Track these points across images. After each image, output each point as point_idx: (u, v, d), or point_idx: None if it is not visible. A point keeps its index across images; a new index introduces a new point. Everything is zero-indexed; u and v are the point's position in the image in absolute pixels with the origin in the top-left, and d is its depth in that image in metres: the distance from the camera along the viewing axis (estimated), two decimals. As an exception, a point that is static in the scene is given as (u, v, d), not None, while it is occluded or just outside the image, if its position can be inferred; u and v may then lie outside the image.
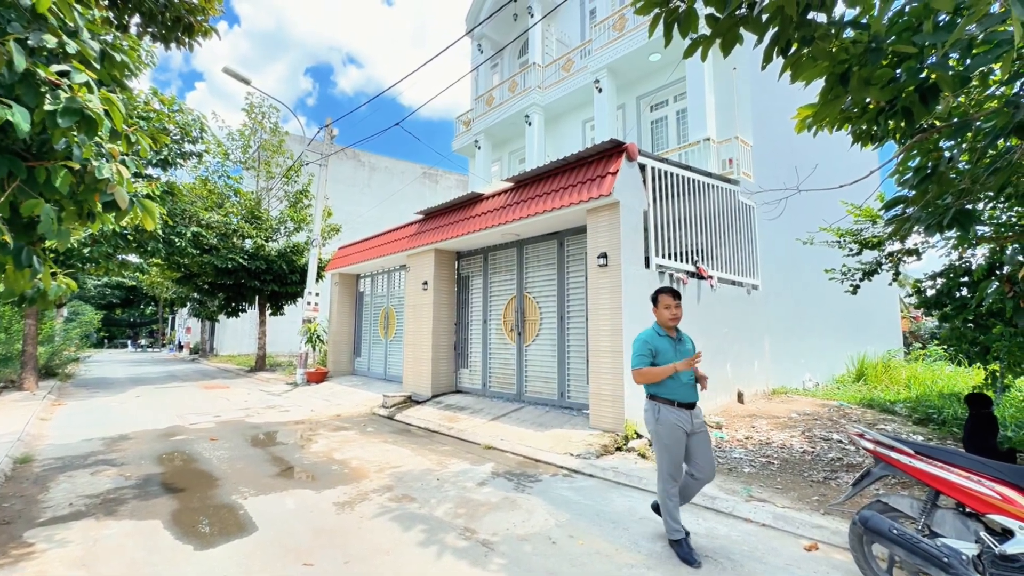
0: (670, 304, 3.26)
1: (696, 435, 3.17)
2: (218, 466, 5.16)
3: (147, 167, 13.01)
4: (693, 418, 3.16)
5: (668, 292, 3.29)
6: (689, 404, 3.17)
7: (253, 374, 15.49)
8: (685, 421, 3.13)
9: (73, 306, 33.33)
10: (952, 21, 2.72)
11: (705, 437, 3.21)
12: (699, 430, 3.18)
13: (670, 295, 3.28)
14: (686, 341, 3.35)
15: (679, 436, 3.13)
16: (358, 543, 3.27)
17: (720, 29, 2.88)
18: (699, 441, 3.18)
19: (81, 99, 2.58)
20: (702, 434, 3.19)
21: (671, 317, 3.25)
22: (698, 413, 3.22)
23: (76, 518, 3.69)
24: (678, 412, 3.14)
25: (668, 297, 3.27)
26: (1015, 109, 2.99)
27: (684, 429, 3.13)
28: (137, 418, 7.98)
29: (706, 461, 3.18)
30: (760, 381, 8.96)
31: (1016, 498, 2.27)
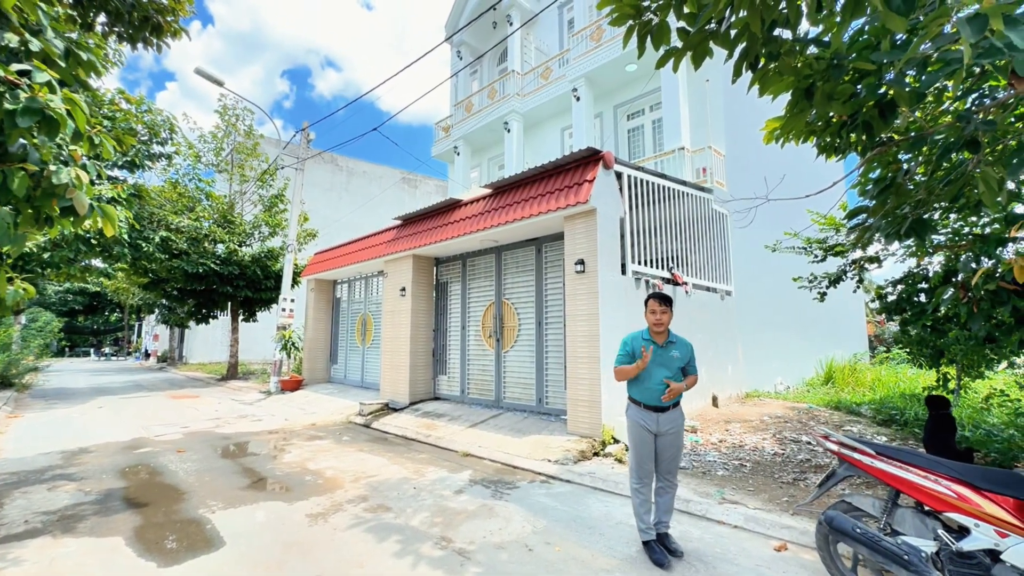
0: (655, 309, 3.26)
1: (663, 437, 3.21)
2: (184, 479, 4.99)
3: (113, 169, 12.59)
4: (661, 420, 3.19)
5: (655, 297, 3.29)
6: (656, 407, 3.20)
7: (225, 383, 15.04)
8: (650, 422, 3.19)
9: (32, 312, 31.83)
10: (908, 40, 2.86)
11: (673, 440, 3.22)
12: (669, 432, 3.20)
13: (656, 300, 3.28)
14: (674, 349, 3.30)
15: (643, 436, 3.20)
16: (331, 556, 3.20)
17: (691, 43, 2.97)
18: (665, 444, 3.22)
19: (43, 99, 2.49)
20: (670, 436, 3.21)
21: (655, 322, 3.26)
22: (672, 418, 3.22)
23: (32, 536, 3.51)
24: (644, 413, 3.21)
25: (654, 302, 3.28)
26: (966, 124, 3.15)
27: (649, 430, 3.19)
28: (99, 430, 7.66)
29: (667, 462, 3.23)
30: (734, 385, 9.16)
31: (971, 496, 2.38)
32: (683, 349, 3.32)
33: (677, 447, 3.25)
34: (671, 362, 3.24)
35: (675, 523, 3.74)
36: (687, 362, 3.32)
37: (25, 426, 8.05)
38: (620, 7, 2.89)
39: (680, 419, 3.27)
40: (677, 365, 3.25)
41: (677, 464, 3.27)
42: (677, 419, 3.25)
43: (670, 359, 3.24)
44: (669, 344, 3.30)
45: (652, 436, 3.21)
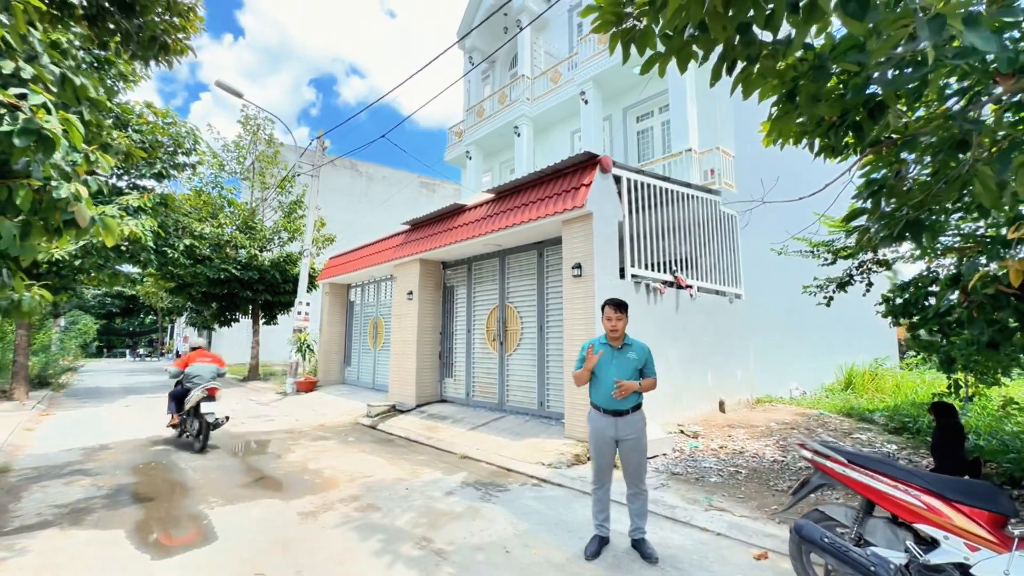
0: (611, 316, 3.29)
1: (624, 443, 3.23)
2: (192, 476, 5.21)
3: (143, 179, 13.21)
4: (620, 425, 3.21)
5: (610, 304, 3.32)
6: (614, 411, 3.22)
7: (245, 383, 15.54)
8: (609, 427, 3.22)
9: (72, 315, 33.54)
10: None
11: (634, 446, 3.24)
12: (628, 437, 3.22)
13: (611, 307, 3.31)
14: (630, 351, 3.32)
15: (601, 440, 3.25)
16: (314, 553, 3.31)
17: (674, 47, 2.96)
18: (627, 450, 3.24)
19: (39, 120, 2.67)
20: (631, 442, 3.23)
21: (610, 328, 3.29)
22: (631, 422, 3.23)
23: (42, 527, 3.74)
24: (603, 418, 3.25)
25: (609, 309, 3.31)
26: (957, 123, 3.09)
27: (608, 434, 3.23)
28: (122, 428, 8.04)
29: (631, 468, 3.25)
30: (744, 390, 8.98)
31: (941, 508, 2.31)
32: (639, 352, 3.33)
33: (640, 452, 3.26)
34: (627, 364, 3.25)
35: (657, 528, 3.72)
36: (644, 364, 3.31)
37: (54, 424, 8.51)
38: (602, 14, 2.91)
39: (640, 423, 3.27)
40: (633, 367, 3.25)
41: (643, 469, 3.28)
42: (637, 423, 3.25)
43: (626, 360, 3.26)
44: (626, 347, 3.32)
45: (613, 442, 3.24)
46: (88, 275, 11.51)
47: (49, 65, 2.95)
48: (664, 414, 6.85)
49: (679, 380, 7.26)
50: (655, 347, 6.67)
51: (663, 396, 6.91)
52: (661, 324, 7.05)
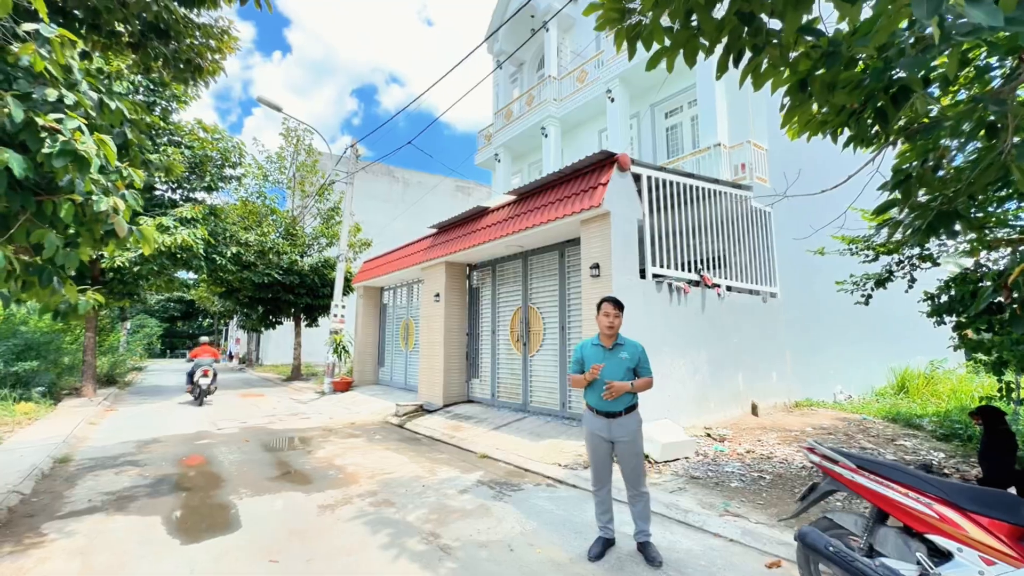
0: (609, 312, 3.24)
1: (620, 445, 3.20)
2: (227, 468, 5.55)
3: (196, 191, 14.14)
4: (614, 427, 3.18)
5: (608, 301, 3.28)
6: (607, 412, 3.18)
7: (289, 383, 16.30)
8: (603, 428, 3.20)
9: (138, 319, 36.23)
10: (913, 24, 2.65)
11: (629, 448, 3.20)
12: (622, 439, 3.18)
13: (610, 304, 3.26)
14: (622, 351, 3.27)
15: (596, 442, 3.23)
16: (326, 543, 3.47)
17: (679, 40, 2.89)
18: (621, 451, 3.21)
19: (76, 142, 2.95)
20: (626, 444, 3.19)
21: (607, 325, 3.24)
22: (624, 423, 3.19)
23: (90, 512, 4.11)
24: (596, 419, 3.22)
25: (608, 305, 3.26)
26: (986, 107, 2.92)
27: (602, 436, 3.20)
28: (174, 423, 8.64)
29: (627, 471, 3.22)
30: (780, 393, 8.59)
31: (955, 518, 2.16)
32: (632, 350, 3.27)
33: (635, 454, 3.21)
34: (619, 364, 3.20)
35: (667, 532, 3.65)
36: (637, 363, 3.25)
37: (116, 419, 9.25)
38: (605, 12, 2.86)
39: (635, 425, 3.22)
40: (626, 366, 3.19)
41: (641, 472, 3.23)
42: (631, 425, 3.20)
43: (618, 361, 3.21)
44: (617, 347, 3.27)
45: (608, 443, 3.22)
46: (147, 281, 12.44)
47: (89, 92, 3.25)
48: (689, 416, 6.67)
49: (706, 382, 7.05)
50: (678, 347, 6.57)
51: (688, 398, 6.74)
52: (685, 324, 6.87)
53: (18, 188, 3.08)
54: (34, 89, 2.93)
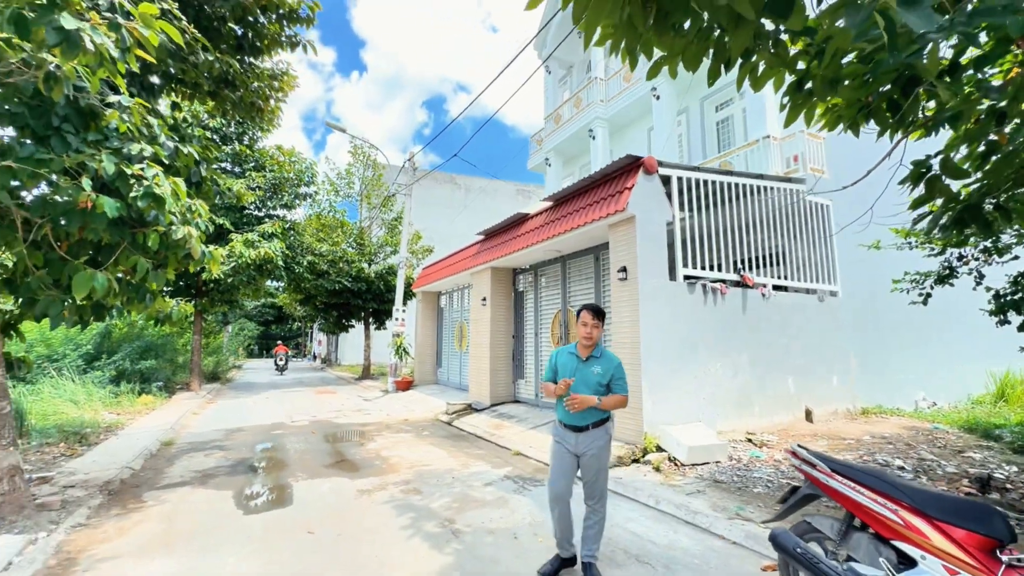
0: (587, 321, 3.04)
1: (584, 457, 3.04)
2: (292, 455, 6.33)
3: (277, 208, 15.79)
4: (580, 440, 3.01)
5: (587, 309, 3.08)
6: (573, 426, 3.02)
7: (359, 382, 17.65)
8: (568, 441, 3.04)
9: (239, 323, 40.67)
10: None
11: (594, 462, 3.03)
12: (588, 452, 3.02)
13: (588, 312, 3.06)
14: (595, 364, 3.06)
15: (560, 453, 3.08)
16: (356, 522, 3.96)
17: (676, 48, 2.94)
18: (586, 464, 3.05)
19: (155, 186, 3.68)
20: (591, 457, 3.03)
21: (585, 335, 3.05)
22: (592, 436, 3.01)
23: (180, 486, 4.96)
24: (563, 431, 3.08)
25: (586, 314, 3.07)
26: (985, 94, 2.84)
27: (566, 447, 3.05)
28: (258, 415, 9.85)
29: (589, 485, 3.07)
30: (842, 398, 8.03)
31: (920, 525, 2.14)
32: (606, 364, 3.06)
33: (597, 469, 3.04)
34: (590, 378, 3.00)
35: (671, 532, 3.74)
36: (610, 379, 3.02)
37: (214, 410, 10.70)
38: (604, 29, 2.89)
39: (602, 439, 3.04)
40: (596, 381, 2.99)
41: (601, 487, 3.07)
42: (598, 439, 3.03)
43: (589, 374, 3.00)
44: (592, 359, 3.06)
45: (572, 456, 3.06)
46: (239, 290, 14.17)
47: (167, 142, 4.01)
48: (728, 420, 6.51)
49: (748, 385, 6.82)
50: (714, 349, 6.45)
51: (727, 401, 6.58)
52: (723, 326, 6.71)
53: (119, 224, 3.89)
54: (123, 145, 3.71)
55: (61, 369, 10.21)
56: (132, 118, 3.50)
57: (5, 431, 3.77)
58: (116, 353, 11.95)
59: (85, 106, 3.61)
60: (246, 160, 14.40)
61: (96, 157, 3.36)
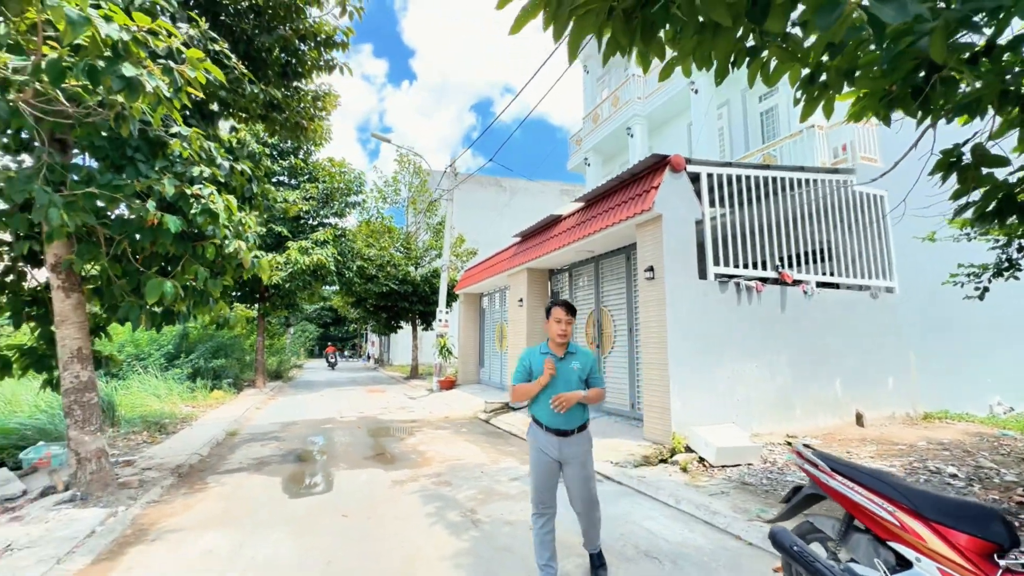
0: (561, 318, 2.91)
1: (569, 465, 2.87)
2: (337, 447, 6.82)
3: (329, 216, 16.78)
4: (564, 447, 2.84)
5: (560, 305, 2.95)
6: (558, 430, 2.84)
7: (407, 381, 18.38)
8: (551, 447, 2.85)
9: (301, 326, 43.32)
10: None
11: (579, 471, 2.87)
12: (574, 459, 2.86)
13: (561, 308, 2.93)
14: (573, 360, 2.95)
15: (542, 460, 2.88)
16: (385, 509, 4.27)
17: (685, 49, 2.98)
18: (570, 473, 2.87)
19: (210, 204, 4.17)
20: (576, 465, 2.87)
21: (559, 332, 2.91)
22: (576, 441, 2.87)
23: (238, 471, 5.52)
24: (545, 436, 2.87)
25: (559, 310, 2.93)
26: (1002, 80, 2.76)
27: (549, 455, 2.86)
28: (312, 411, 10.58)
29: (576, 493, 2.90)
30: (899, 402, 7.53)
31: (915, 527, 2.11)
32: (583, 359, 2.97)
33: (584, 477, 2.89)
34: (570, 375, 2.88)
35: (686, 530, 3.76)
36: (589, 373, 2.95)
37: (275, 405, 11.60)
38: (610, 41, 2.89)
39: (587, 444, 2.93)
40: (576, 377, 2.90)
41: (591, 495, 2.93)
42: (583, 444, 2.91)
43: (569, 371, 2.90)
44: (568, 355, 2.95)
45: (555, 463, 2.87)
46: (296, 294, 15.23)
47: (223, 163, 4.52)
48: (766, 423, 6.32)
49: (788, 387, 6.58)
50: (748, 349, 6.29)
51: (764, 403, 6.39)
52: (759, 325, 6.51)
53: (182, 238, 4.43)
54: (186, 168, 4.23)
55: (147, 367, 11.47)
56: (192, 145, 4.00)
57: (93, 419, 4.41)
58: (192, 353, 13.22)
59: (153, 137, 4.16)
60: (301, 172, 15.45)
61: (160, 181, 3.87)
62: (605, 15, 2.46)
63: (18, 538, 3.43)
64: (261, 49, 5.26)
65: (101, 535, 3.60)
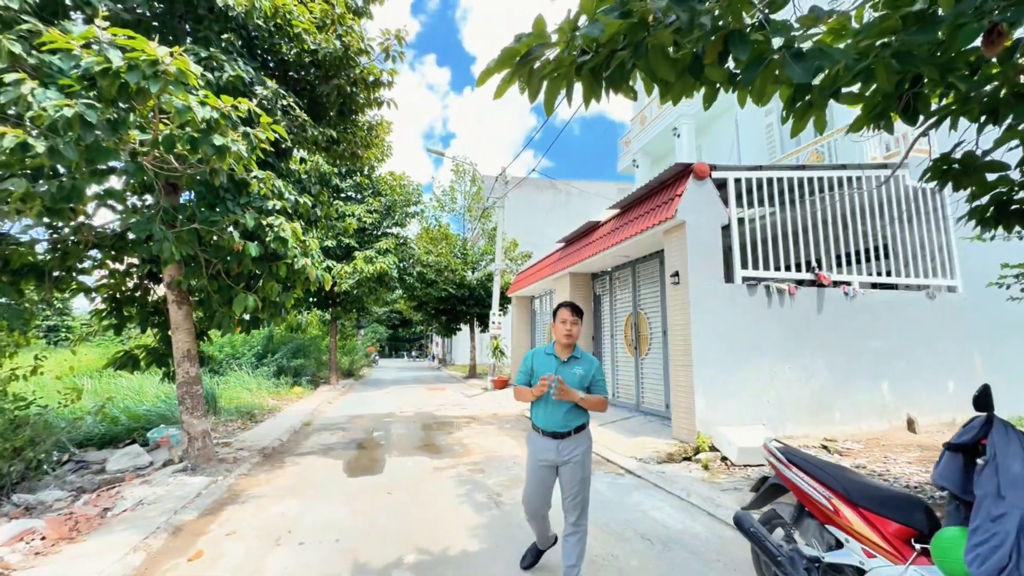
0: (566, 319, 2.89)
1: (566, 467, 2.84)
2: (392, 437, 7.68)
3: (392, 227, 18.11)
4: (562, 447, 2.83)
5: (566, 307, 2.95)
6: (555, 433, 2.83)
7: (466, 380, 19.36)
8: (549, 450, 2.84)
9: (371, 328, 46.34)
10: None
11: (575, 471, 2.84)
12: (572, 459, 2.83)
13: (567, 310, 2.92)
14: (576, 365, 2.92)
15: (537, 465, 2.89)
16: (425, 489, 4.95)
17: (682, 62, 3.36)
18: (567, 473, 2.85)
19: (281, 231, 5.08)
20: (573, 466, 2.83)
21: (565, 333, 2.88)
22: (575, 442, 2.85)
23: (309, 454, 6.49)
24: (542, 440, 2.87)
25: (565, 311, 2.92)
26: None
27: (546, 462, 2.85)
28: (376, 406, 11.70)
29: (569, 497, 2.85)
30: (963, 407, 7.09)
31: (845, 512, 2.39)
32: (587, 366, 2.94)
33: (581, 478, 2.85)
34: (572, 380, 2.83)
35: (688, 519, 4.07)
36: (591, 380, 2.91)
37: (345, 400, 12.90)
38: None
39: (585, 444, 2.90)
40: (579, 383, 2.85)
41: (584, 499, 2.87)
42: (581, 444, 2.87)
43: (571, 376, 2.85)
44: (572, 360, 2.93)
45: (551, 470, 2.88)
46: (363, 299, 16.68)
47: (289, 196, 5.45)
48: (800, 426, 6.32)
49: (825, 390, 6.50)
50: (781, 352, 6.37)
51: (798, 406, 6.38)
52: (791, 327, 6.50)
53: (261, 259, 5.40)
54: (262, 203, 5.18)
55: (241, 365, 13.24)
56: (265, 184, 4.93)
57: (199, 407, 5.50)
58: (276, 353, 14.97)
59: (239, 180, 5.15)
60: (365, 188, 16.89)
61: (243, 215, 4.83)
62: (574, 73, 2.94)
63: (147, 496, 4.49)
64: (321, 95, 6.19)
65: (205, 496, 4.59)
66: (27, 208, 3.72)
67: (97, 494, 4.49)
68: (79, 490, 4.70)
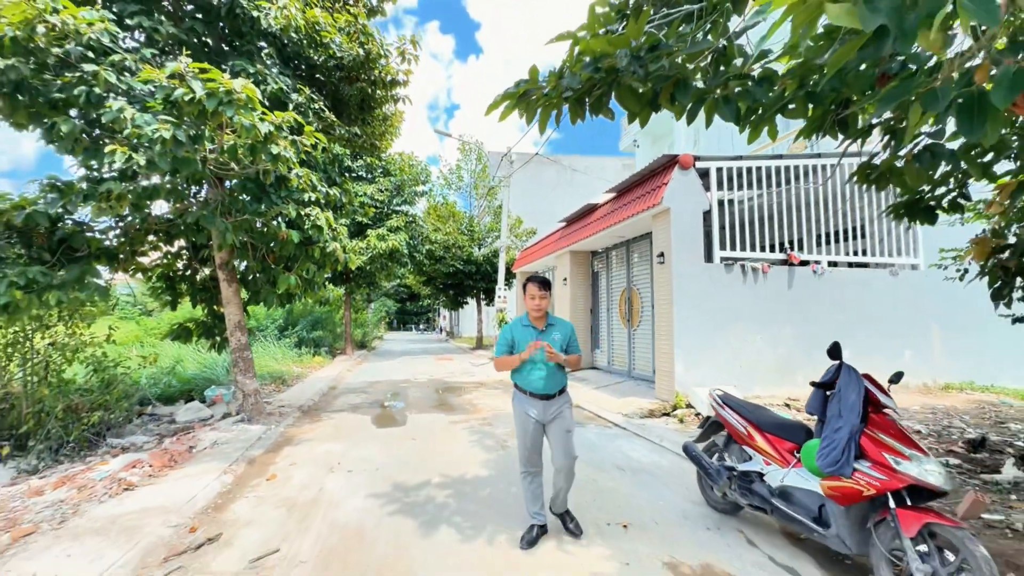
0: (535, 294, 3.16)
1: (552, 423, 3.17)
2: (409, 398, 8.70)
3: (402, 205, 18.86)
4: (547, 407, 3.15)
5: (534, 281, 3.19)
6: (542, 395, 3.14)
7: (472, 352, 20.43)
8: (535, 409, 3.15)
9: (381, 302, 47.51)
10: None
11: (561, 423, 3.17)
12: (558, 414, 3.17)
13: (536, 284, 3.17)
14: (554, 331, 3.22)
15: (528, 424, 3.17)
16: (442, 437, 5.94)
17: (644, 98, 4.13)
18: (554, 428, 3.17)
19: (317, 220, 5.93)
20: (558, 421, 3.16)
21: (534, 307, 3.18)
22: (558, 402, 3.19)
23: (340, 411, 7.52)
24: (529, 400, 3.17)
25: (533, 287, 3.17)
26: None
27: (534, 418, 3.15)
28: (392, 373, 12.76)
29: (558, 445, 3.15)
30: (919, 373, 8.00)
31: (753, 434, 3.31)
32: (563, 330, 3.26)
33: (566, 430, 3.18)
34: (552, 344, 3.13)
35: (656, 455, 5.02)
36: (568, 342, 3.26)
37: (362, 369, 13.98)
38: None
39: (567, 402, 3.25)
40: (558, 347, 3.17)
41: (571, 445, 3.19)
42: (563, 403, 3.22)
43: (551, 341, 3.16)
44: (549, 327, 3.24)
45: (539, 424, 3.18)
46: (376, 275, 17.59)
47: (321, 189, 6.27)
48: (767, 387, 7.22)
49: (792, 357, 7.38)
50: (753, 323, 7.24)
51: (766, 369, 7.27)
52: (763, 302, 7.32)
53: (300, 244, 6.26)
54: (300, 195, 6.01)
55: (266, 336, 14.30)
56: (303, 179, 5.75)
57: (250, 369, 6.48)
58: (296, 325, 16.03)
59: (281, 176, 5.97)
60: (375, 168, 17.57)
61: (286, 207, 5.67)
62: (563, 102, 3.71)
63: (219, 438, 5.51)
64: (344, 96, 6.92)
65: (265, 439, 5.61)
66: (120, 205, 4.59)
67: (177, 437, 5.52)
68: (159, 436, 5.73)
